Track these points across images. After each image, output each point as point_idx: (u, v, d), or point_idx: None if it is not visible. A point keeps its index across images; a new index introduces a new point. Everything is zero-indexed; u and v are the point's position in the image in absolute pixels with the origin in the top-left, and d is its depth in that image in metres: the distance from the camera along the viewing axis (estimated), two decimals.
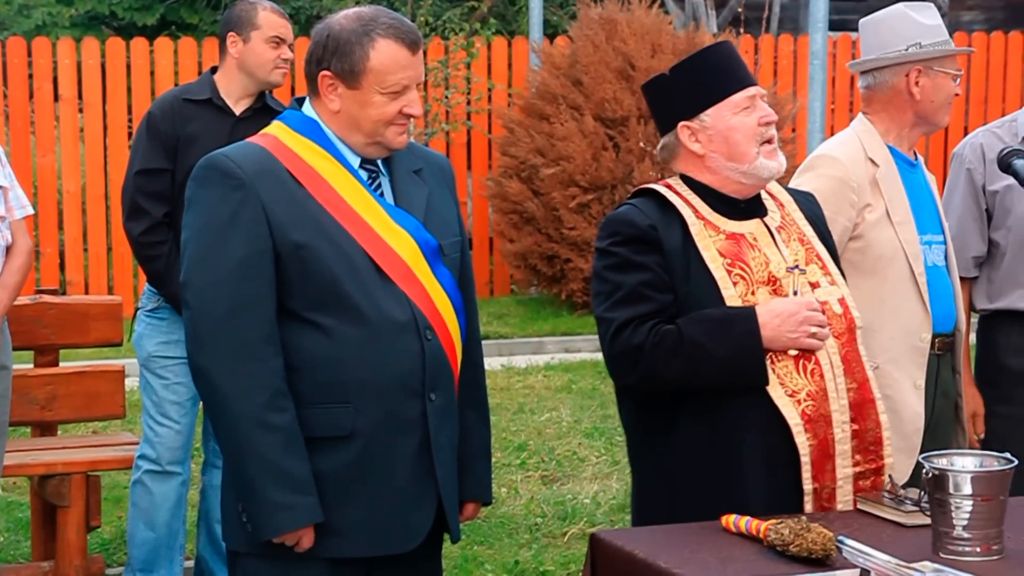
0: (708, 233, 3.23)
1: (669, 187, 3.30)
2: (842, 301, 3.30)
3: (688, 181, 3.31)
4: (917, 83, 3.82)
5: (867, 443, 3.25)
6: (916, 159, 3.95)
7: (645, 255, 3.19)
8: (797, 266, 3.25)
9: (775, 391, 3.15)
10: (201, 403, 3.58)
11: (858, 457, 3.23)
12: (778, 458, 3.16)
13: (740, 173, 3.26)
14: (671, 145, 3.33)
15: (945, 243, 3.93)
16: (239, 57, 4.84)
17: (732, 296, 3.18)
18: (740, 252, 3.23)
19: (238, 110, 4.87)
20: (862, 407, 3.25)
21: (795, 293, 3.22)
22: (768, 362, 3.15)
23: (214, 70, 4.95)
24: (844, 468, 3.21)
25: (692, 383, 3.16)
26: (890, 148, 3.86)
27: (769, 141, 3.27)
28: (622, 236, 3.22)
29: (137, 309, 4.98)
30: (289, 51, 4.88)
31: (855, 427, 3.23)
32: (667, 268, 3.19)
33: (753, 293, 3.20)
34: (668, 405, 3.21)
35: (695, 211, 3.25)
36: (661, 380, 3.17)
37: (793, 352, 3.17)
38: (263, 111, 4.83)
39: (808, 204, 3.46)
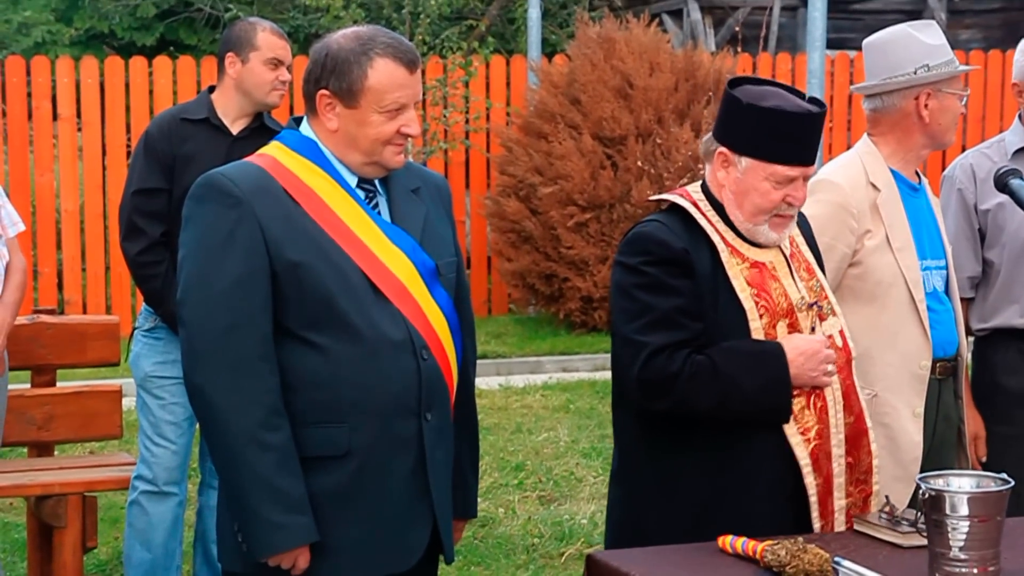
0: (735, 261, 3.19)
1: (695, 205, 3.24)
2: (841, 333, 3.28)
3: (708, 196, 3.27)
4: (927, 105, 3.78)
5: (858, 475, 3.24)
6: (920, 183, 3.92)
7: (678, 279, 3.13)
8: (817, 303, 3.23)
9: (789, 429, 3.14)
10: (198, 423, 3.59)
11: (850, 488, 3.23)
12: (781, 494, 3.14)
13: (740, 221, 3.23)
14: (710, 152, 3.27)
15: (947, 267, 3.90)
16: (237, 77, 4.84)
17: (757, 328, 3.15)
18: (764, 282, 3.19)
19: (235, 130, 4.88)
20: (857, 439, 3.24)
21: (812, 330, 3.20)
22: None
23: (212, 89, 4.95)
24: (839, 501, 3.20)
25: (720, 415, 3.13)
26: (893, 172, 3.82)
27: (782, 215, 3.20)
28: (655, 256, 3.16)
29: (134, 329, 4.98)
30: (287, 72, 4.89)
31: (849, 460, 3.22)
32: (697, 294, 3.14)
33: (774, 326, 3.17)
34: (679, 430, 3.17)
35: (722, 237, 3.21)
36: (692, 410, 3.13)
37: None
38: (260, 131, 4.83)
39: (805, 227, 3.42)
